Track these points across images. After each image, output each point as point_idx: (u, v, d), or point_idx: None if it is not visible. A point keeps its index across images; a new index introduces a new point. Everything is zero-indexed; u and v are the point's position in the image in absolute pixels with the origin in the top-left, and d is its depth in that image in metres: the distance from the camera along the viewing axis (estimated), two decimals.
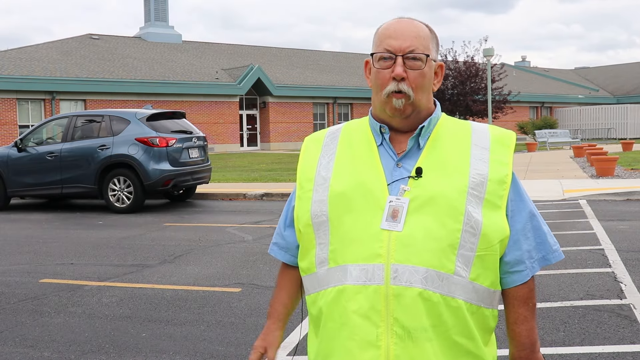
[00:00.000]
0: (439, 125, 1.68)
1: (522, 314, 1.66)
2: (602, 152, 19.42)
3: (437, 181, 1.58)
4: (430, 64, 1.65)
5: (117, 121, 12.42)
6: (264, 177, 18.16)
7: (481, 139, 1.66)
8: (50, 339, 4.85)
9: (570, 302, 5.36)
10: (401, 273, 1.52)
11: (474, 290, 1.56)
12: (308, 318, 1.74)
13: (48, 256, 8.06)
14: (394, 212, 1.56)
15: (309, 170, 1.71)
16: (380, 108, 1.67)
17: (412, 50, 1.61)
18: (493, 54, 29.40)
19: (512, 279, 1.65)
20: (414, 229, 1.54)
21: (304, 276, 1.69)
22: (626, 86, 55.36)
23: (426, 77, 1.64)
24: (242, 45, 47.03)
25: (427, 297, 1.52)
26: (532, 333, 1.67)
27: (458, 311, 1.54)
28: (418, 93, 1.63)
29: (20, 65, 30.42)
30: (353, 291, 1.55)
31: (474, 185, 1.58)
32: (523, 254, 1.64)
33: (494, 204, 1.59)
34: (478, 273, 1.56)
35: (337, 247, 1.60)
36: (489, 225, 1.56)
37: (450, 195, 1.56)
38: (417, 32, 1.64)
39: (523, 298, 1.66)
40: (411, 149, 1.64)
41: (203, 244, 8.57)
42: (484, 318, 1.60)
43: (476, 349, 1.58)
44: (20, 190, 12.92)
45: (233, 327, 5.00)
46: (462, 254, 1.54)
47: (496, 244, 1.58)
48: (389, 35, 1.64)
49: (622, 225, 9.12)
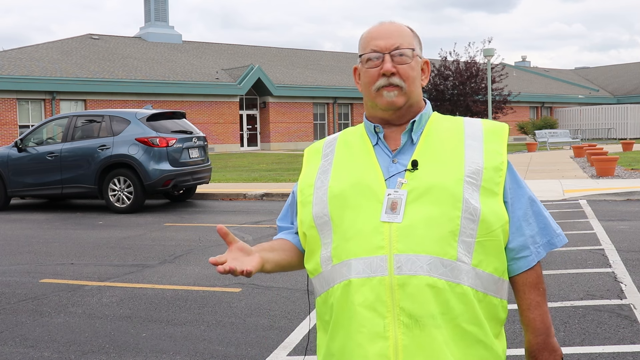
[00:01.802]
0: (431, 121, 1.73)
1: (534, 300, 1.69)
2: (602, 152, 19.41)
3: (433, 172, 1.61)
4: (416, 59, 1.71)
5: (117, 121, 12.42)
6: (264, 177, 18.16)
7: (474, 131, 1.71)
8: (50, 339, 4.85)
9: (571, 302, 5.36)
10: (405, 262, 1.54)
11: (477, 276, 1.58)
12: (316, 320, 1.74)
13: (48, 256, 8.06)
14: (393, 204, 1.59)
15: (309, 177, 1.76)
16: (372, 104, 1.72)
17: (397, 46, 1.68)
18: (493, 54, 29.40)
19: (519, 265, 1.68)
20: (414, 219, 1.57)
21: (312, 278, 1.72)
22: (626, 86, 55.35)
23: (415, 70, 1.70)
24: (242, 45, 47.05)
25: (433, 283, 1.53)
26: (546, 318, 1.69)
27: (465, 297, 1.55)
28: (410, 84, 1.68)
29: (20, 65, 30.42)
30: (358, 284, 1.57)
31: (469, 174, 1.61)
32: (527, 239, 1.67)
33: (491, 191, 1.62)
34: (480, 259, 1.58)
35: (339, 243, 1.62)
36: (487, 212, 1.59)
37: (447, 184, 1.59)
38: (400, 31, 1.71)
39: (533, 283, 1.69)
40: (405, 144, 1.68)
41: (203, 244, 8.57)
42: (492, 307, 1.61)
43: (486, 338, 1.59)
44: (21, 190, 12.92)
45: (233, 327, 5.00)
46: (462, 241, 1.57)
47: (496, 229, 1.60)
48: (373, 37, 1.71)
49: (622, 225, 9.12)
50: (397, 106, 1.68)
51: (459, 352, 1.55)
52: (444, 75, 36.64)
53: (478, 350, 1.58)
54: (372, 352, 1.54)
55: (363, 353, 1.55)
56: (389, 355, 1.53)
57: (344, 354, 1.60)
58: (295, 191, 1.82)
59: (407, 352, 1.52)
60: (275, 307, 5.49)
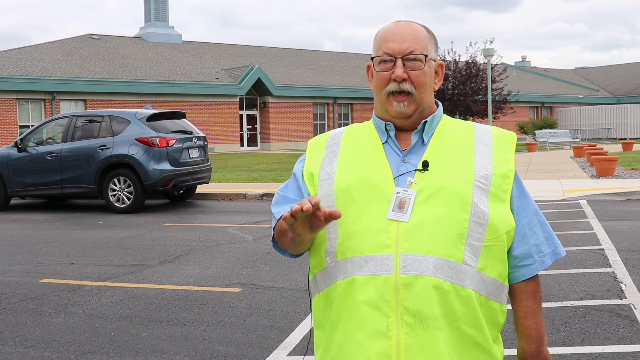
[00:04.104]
0: (442, 123, 1.73)
1: (531, 308, 1.70)
2: (602, 152, 19.42)
3: (443, 173, 1.61)
4: (429, 63, 1.69)
5: (117, 121, 12.42)
6: (264, 177, 18.16)
7: (484, 137, 1.71)
8: (50, 339, 4.85)
9: (571, 302, 5.36)
10: (411, 262, 1.54)
11: (482, 280, 1.58)
12: (313, 319, 1.74)
13: (48, 256, 8.06)
14: (401, 203, 1.58)
15: (313, 168, 1.73)
16: (382, 108, 1.71)
17: (411, 51, 1.66)
18: (493, 54, 29.38)
19: (521, 273, 1.68)
20: (422, 219, 1.56)
21: (316, 273, 1.69)
22: (626, 86, 55.35)
23: (427, 76, 1.68)
24: (242, 45, 47.06)
25: (439, 285, 1.53)
26: (540, 326, 1.71)
27: (468, 301, 1.55)
28: (421, 91, 1.67)
29: (20, 65, 30.42)
30: (362, 282, 1.56)
31: (479, 178, 1.61)
32: (531, 247, 1.68)
33: (499, 197, 1.63)
34: (485, 263, 1.59)
35: (344, 239, 1.61)
36: (495, 217, 1.60)
37: (457, 186, 1.59)
38: (414, 34, 1.68)
39: (531, 291, 1.70)
40: (415, 144, 1.68)
41: (203, 244, 8.57)
42: (493, 312, 1.62)
43: (485, 342, 1.59)
44: (21, 190, 12.92)
45: (233, 327, 5.00)
46: (469, 244, 1.57)
47: (503, 234, 1.61)
48: (387, 38, 1.68)
49: (622, 225, 9.12)
50: (406, 115, 1.68)
51: (457, 354, 1.55)
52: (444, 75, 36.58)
53: (476, 354, 1.58)
54: (373, 351, 1.54)
55: (364, 351, 1.55)
56: (390, 354, 1.53)
57: (342, 351, 1.59)
58: (297, 173, 1.78)
59: (409, 352, 1.52)
60: (275, 307, 5.49)
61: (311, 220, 1.49)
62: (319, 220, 1.49)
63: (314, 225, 1.50)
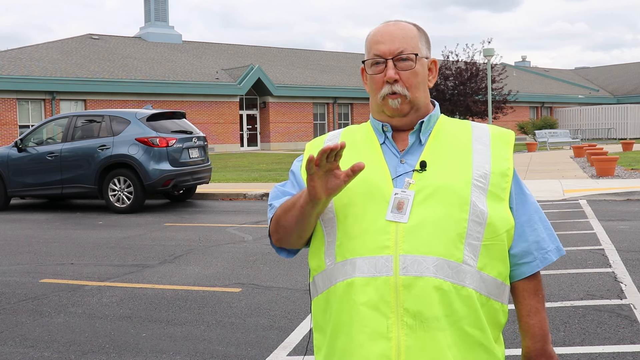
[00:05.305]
0: (439, 123, 1.72)
1: (534, 306, 1.69)
2: (602, 152, 19.42)
3: (441, 173, 1.61)
4: (421, 62, 1.69)
5: (117, 121, 12.43)
6: (264, 177, 18.16)
7: (481, 135, 1.70)
8: (50, 339, 4.85)
9: (571, 302, 5.36)
10: (410, 263, 1.53)
11: (482, 279, 1.58)
12: (312, 321, 1.73)
13: (48, 256, 8.06)
14: (400, 204, 1.58)
15: None
16: (378, 110, 1.71)
17: (401, 51, 1.65)
18: (493, 54, 29.38)
19: (522, 271, 1.68)
20: (421, 220, 1.56)
21: (315, 276, 1.69)
22: (626, 86, 55.35)
23: (419, 76, 1.68)
24: (242, 45, 47.05)
25: (439, 285, 1.53)
26: (544, 324, 1.70)
27: (469, 300, 1.55)
28: (413, 91, 1.67)
29: (20, 65, 30.42)
30: (362, 283, 1.56)
31: (477, 177, 1.61)
32: (530, 245, 1.67)
33: (497, 196, 1.62)
34: (485, 262, 1.58)
35: (343, 241, 1.61)
36: (494, 216, 1.59)
37: (455, 186, 1.59)
38: (404, 34, 1.68)
39: (533, 290, 1.69)
40: (413, 145, 1.68)
41: (203, 244, 8.57)
42: (494, 311, 1.61)
43: (487, 342, 1.59)
44: (21, 190, 12.92)
45: (233, 327, 5.00)
46: (469, 243, 1.56)
47: (502, 233, 1.61)
48: (377, 40, 1.68)
49: (622, 225, 9.12)
50: (402, 113, 1.67)
51: (460, 355, 1.54)
52: (444, 75, 36.63)
53: (479, 354, 1.57)
54: (373, 353, 1.53)
55: (364, 353, 1.54)
56: (390, 356, 1.52)
57: (345, 354, 1.58)
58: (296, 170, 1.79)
59: (409, 353, 1.52)
60: (275, 307, 5.49)
61: (329, 179, 1.50)
62: (338, 178, 1.50)
63: (331, 184, 1.51)
